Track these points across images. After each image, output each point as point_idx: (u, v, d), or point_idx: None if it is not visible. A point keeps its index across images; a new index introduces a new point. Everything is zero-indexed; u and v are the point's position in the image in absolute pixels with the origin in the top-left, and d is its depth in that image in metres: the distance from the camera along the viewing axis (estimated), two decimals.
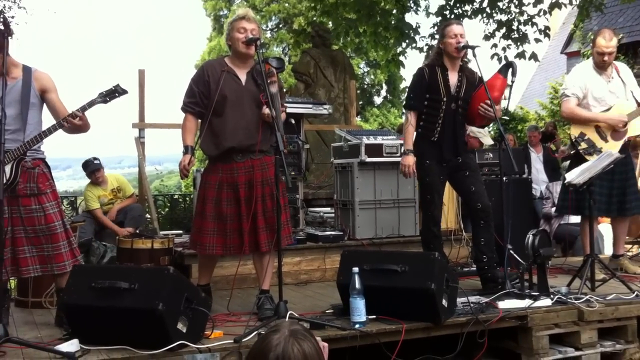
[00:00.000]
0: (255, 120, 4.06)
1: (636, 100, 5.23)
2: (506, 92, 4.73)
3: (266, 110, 3.98)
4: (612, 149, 5.04)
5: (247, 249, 4.08)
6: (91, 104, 3.76)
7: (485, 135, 7.71)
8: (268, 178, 4.08)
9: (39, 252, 3.84)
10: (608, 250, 6.45)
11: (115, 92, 3.77)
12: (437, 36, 4.98)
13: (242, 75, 4.14)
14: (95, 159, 6.76)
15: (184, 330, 3.33)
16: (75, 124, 3.74)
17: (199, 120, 4.21)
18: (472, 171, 4.75)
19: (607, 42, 5.10)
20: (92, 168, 6.70)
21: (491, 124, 9.26)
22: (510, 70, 4.63)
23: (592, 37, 5.87)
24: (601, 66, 5.19)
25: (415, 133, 4.76)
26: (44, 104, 3.96)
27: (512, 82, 4.58)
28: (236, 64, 4.15)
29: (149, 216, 7.01)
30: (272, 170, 4.03)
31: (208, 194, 4.10)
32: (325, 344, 1.83)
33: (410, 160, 4.63)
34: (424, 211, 4.83)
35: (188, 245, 4.76)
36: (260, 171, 4.09)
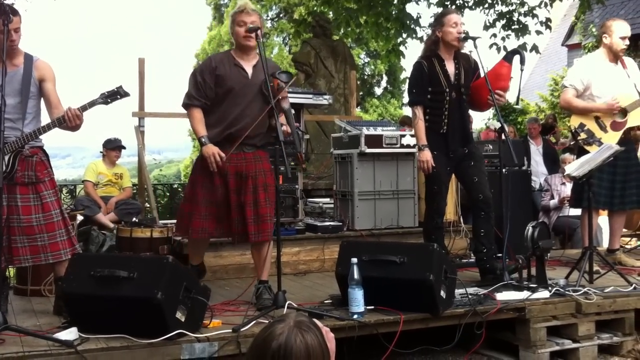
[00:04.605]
0: (258, 114, 4.04)
1: (638, 92, 5.22)
2: (515, 81, 4.71)
3: (282, 127, 3.98)
4: (611, 139, 5.05)
5: (235, 238, 4.16)
6: (92, 104, 3.75)
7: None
8: (262, 170, 4.11)
9: (30, 243, 3.81)
10: (607, 242, 6.47)
11: (117, 94, 3.76)
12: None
13: (249, 69, 4.14)
14: (119, 140, 7.04)
15: (183, 320, 3.33)
16: (75, 122, 3.73)
17: None
18: (476, 162, 4.74)
19: (627, 25, 5.19)
20: (116, 144, 7.00)
21: (492, 116, 9.23)
22: (519, 57, 4.59)
23: (593, 28, 5.87)
24: (620, 53, 5.20)
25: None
26: None
27: (522, 69, 4.56)
28: (241, 57, 4.15)
29: (148, 205, 7.01)
30: (266, 163, 4.12)
31: (198, 179, 4.13)
32: (332, 335, 1.83)
33: (428, 155, 4.56)
34: (429, 202, 4.82)
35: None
36: (253, 163, 4.11)
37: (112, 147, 6.98)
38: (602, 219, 6.84)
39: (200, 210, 4.08)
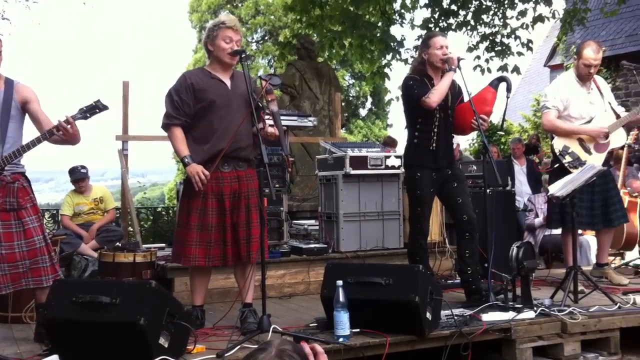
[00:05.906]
0: (244, 125, 3.99)
1: (615, 112, 5.28)
2: (500, 107, 4.75)
3: (270, 129, 3.94)
4: (596, 161, 5.08)
5: (230, 260, 4.04)
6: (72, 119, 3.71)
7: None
8: (253, 189, 4.05)
9: (11, 270, 3.75)
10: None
11: (95, 108, 3.72)
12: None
13: (227, 80, 4.08)
14: (82, 167, 6.76)
15: (166, 345, 3.29)
16: (73, 130, 3.68)
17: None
18: (459, 183, 4.77)
19: (595, 54, 5.13)
20: (76, 177, 6.71)
21: (476, 136, 9.29)
22: (505, 85, 4.66)
23: (575, 49, 5.92)
24: (585, 78, 5.22)
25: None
26: (25, 117, 3.91)
27: (508, 97, 4.61)
28: (217, 70, 4.09)
29: (131, 229, 6.95)
30: (257, 182, 4.01)
31: (193, 204, 4.02)
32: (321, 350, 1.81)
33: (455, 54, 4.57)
34: (413, 224, 4.83)
35: (170, 259, 4.72)
36: (245, 182, 4.06)
37: (75, 180, 6.70)
38: (591, 237, 6.86)
39: (193, 237, 3.99)
